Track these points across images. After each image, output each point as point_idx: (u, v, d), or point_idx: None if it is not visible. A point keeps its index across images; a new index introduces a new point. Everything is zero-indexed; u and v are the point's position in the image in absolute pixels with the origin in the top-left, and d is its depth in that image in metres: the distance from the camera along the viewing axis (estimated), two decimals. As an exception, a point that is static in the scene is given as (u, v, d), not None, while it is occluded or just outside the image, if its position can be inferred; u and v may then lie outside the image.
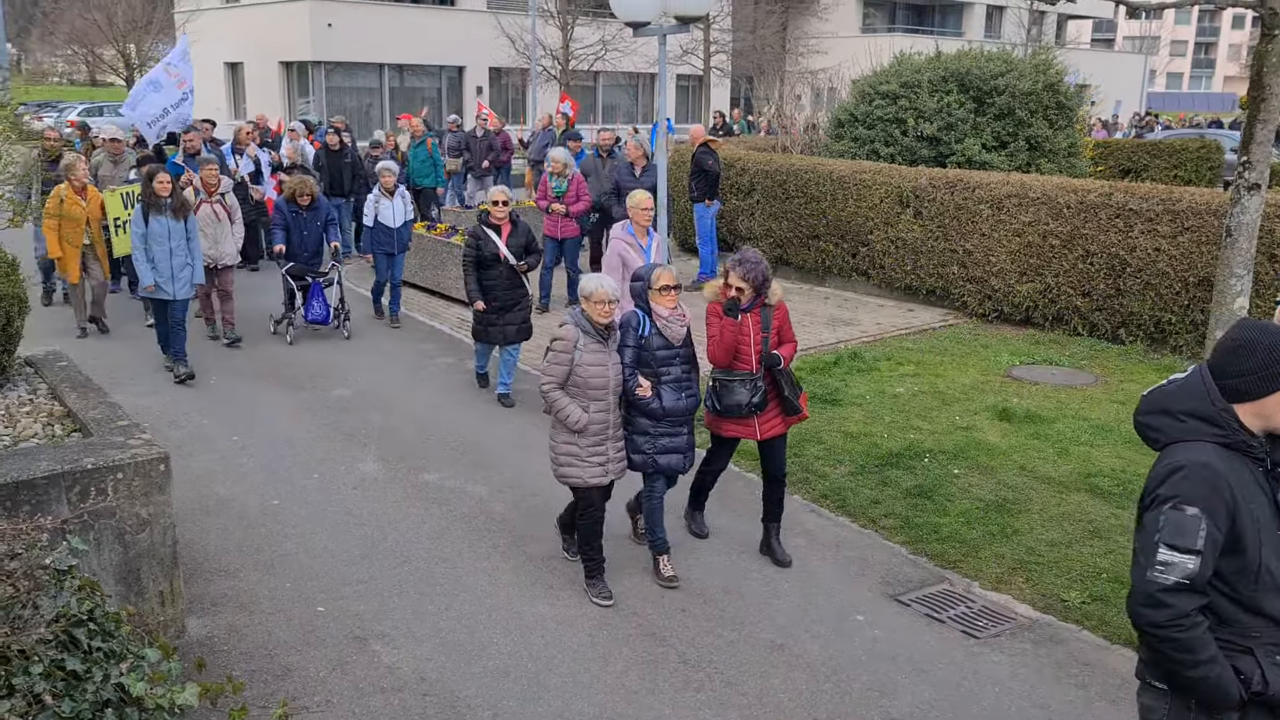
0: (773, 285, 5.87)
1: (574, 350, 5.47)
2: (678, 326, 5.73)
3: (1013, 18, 44.02)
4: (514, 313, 8.70)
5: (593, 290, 5.49)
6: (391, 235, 11.15)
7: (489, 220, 8.57)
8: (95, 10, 33.95)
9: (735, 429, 5.96)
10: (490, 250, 8.50)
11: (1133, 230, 10.43)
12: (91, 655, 2.67)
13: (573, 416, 5.46)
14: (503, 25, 31.53)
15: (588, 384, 5.48)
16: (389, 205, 11.08)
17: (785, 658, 5.13)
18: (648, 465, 5.75)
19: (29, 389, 5.90)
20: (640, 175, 11.78)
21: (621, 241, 7.97)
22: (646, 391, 5.59)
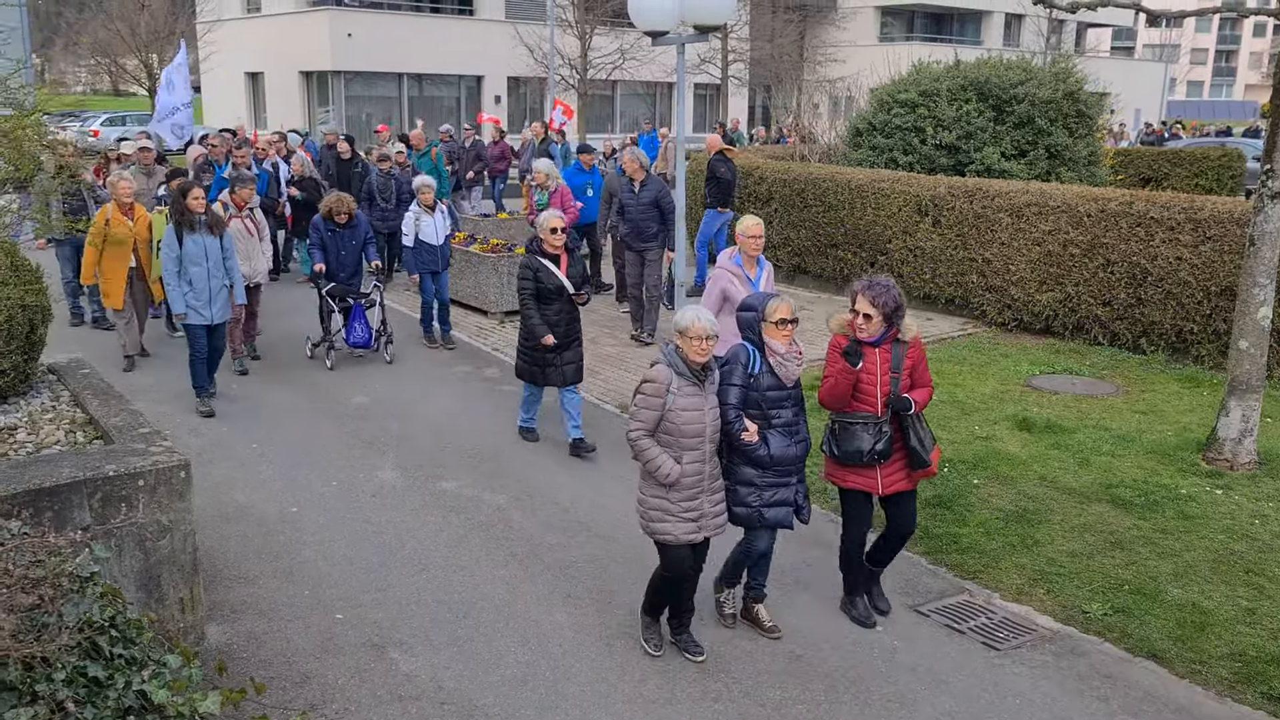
0: (907, 319, 5.31)
1: (666, 393, 4.86)
2: (794, 365, 5.14)
3: (1031, 26, 43.93)
4: (573, 349, 7.83)
5: (688, 325, 4.85)
6: (435, 252, 10.61)
7: (544, 250, 7.67)
8: (118, 21, 34.22)
9: (856, 480, 5.33)
10: (553, 283, 7.59)
11: (1154, 239, 10.37)
12: (113, 662, 2.68)
13: (664, 468, 4.87)
14: (521, 35, 31.67)
15: (681, 431, 4.86)
16: (430, 221, 10.56)
17: (804, 668, 5.11)
18: (753, 519, 5.16)
19: (52, 396, 5.94)
20: (640, 190, 11.04)
21: (726, 272, 7.17)
22: (753, 437, 5.01)
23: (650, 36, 8.17)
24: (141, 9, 32.87)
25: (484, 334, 11.41)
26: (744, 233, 7.25)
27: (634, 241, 10.98)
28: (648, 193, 10.90)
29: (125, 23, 33.30)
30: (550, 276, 7.57)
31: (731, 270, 7.20)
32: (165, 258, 8.49)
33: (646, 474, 5.01)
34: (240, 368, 9.78)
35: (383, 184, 13.28)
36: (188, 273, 8.47)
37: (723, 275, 7.16)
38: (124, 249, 9.74)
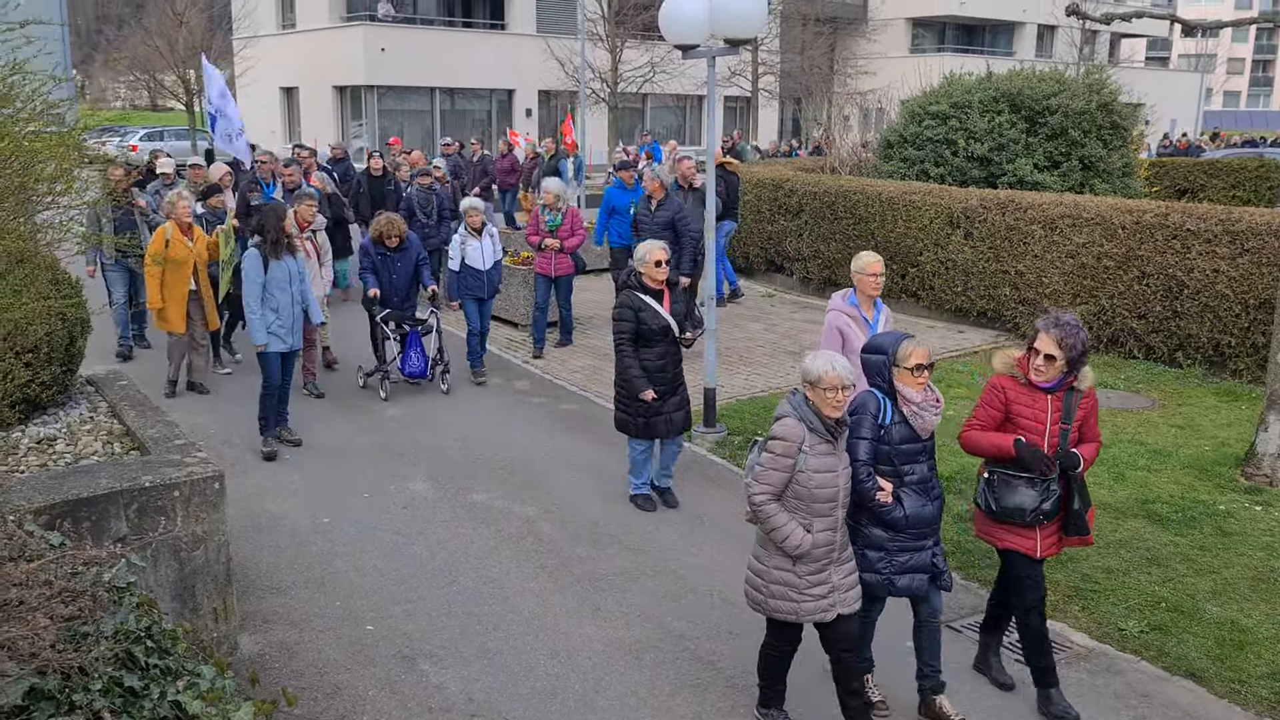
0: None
1: (798, 452, 4.33)
2: (931, 415, 4.59)
3: (1064, 37, 43.62)
4: (679, 394, 6.98)
5: (821, 373, 4.31)
6: (481, 279, 9.96)
7: (644, 285, 6.79)
8: (157, 37, 34.84)
9: (1012, 539, 4.76)
10: (657, 323, 6.74)
11: (1190, 251, 10.25)
12: (149, 672, 2.71)
13: (793, 539, 4.34)
14: (552, 48, 31.85)
15: (813, 496, 4.35)
16: (477, 246, 9.92)
17: (827, 681, 5.06)
18: (883, 588, 4.66)
19: (90, 407, 6.03)
20: (656, 210, 10.55)
21: (841, 314, 6.41)
22: (888, 497, 4.51)
23: (681, 50, 8.19)
24: (180, 26, 33.43)
25: (514, 347, 11.45)
26: (862, 270, 6.39)
27: None
28: (664, 212, 10.49)
29: (164, 39, 33.89)
30: (654, 315, 6.73)
31: (846, 311, 6.41)
32: (250, 284, 7.93)
33: (766, 543, 4.50)
34: (316, 390, 9.51)
35: (424, 199, 12.86)
36: (273, 299, 8.00)
37: (837, 317, 6.38)
38: (184, 271, 9.31)
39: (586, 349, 11.31)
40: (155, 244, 9.20)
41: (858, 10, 47.03)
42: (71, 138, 4.76)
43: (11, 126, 4.14)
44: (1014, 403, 4.66)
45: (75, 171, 4.52)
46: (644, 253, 6.77)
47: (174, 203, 9.41)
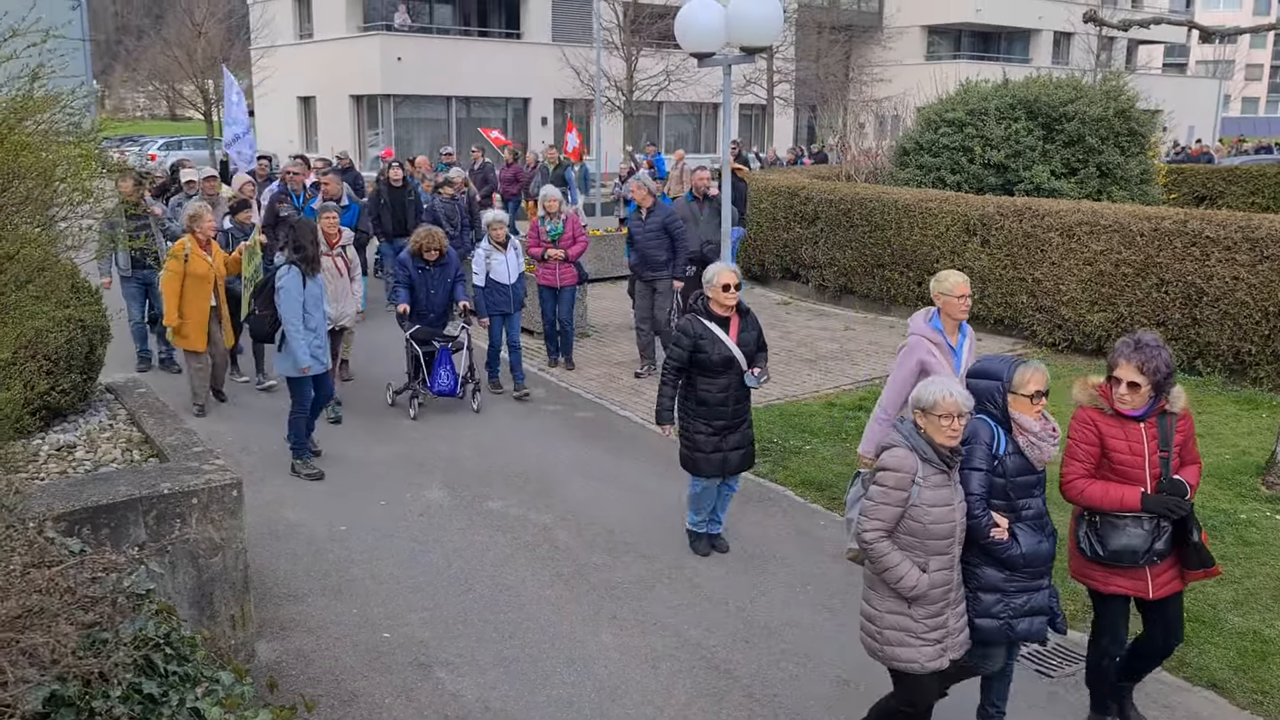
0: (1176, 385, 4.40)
1: (912, 485, 4.01)
2: (1049, 445, 4.29)
3: (1081, 44, 43.47)
4: (741, 432, 6.31)
5: (937, 399, 4.00)
6: (506, 292, 9.77)
7: (710, 311, 6.17)
8: (176, 48, 35.12)
9: (1120, 583, 4.45)
10: (720, 353, 6.08)
11: (1209, 258, 10.18)
12: (168, 679, 2.72)
13: (908, 580, 4.02)
14: (568, 57, 31.95)
15: (929, 532, 4.02)
16: (502, 259, 9.68)
17: (853, 694, 5.05)
18: (1002, 634, 4.28)
19: (109, 415, 6.06)
20: (647, 218, 10.38)
21: (924, 340, 5.76)
22: (1004, 534, 4.19)
23: (696, 58, 8.20)
24: (198, 36, 33.67)
25: (530, 355, 11.47)
26: (949, 291, 5.74)
27: (642, 271, 10.46)
28: (655, 219, 10.33)
29: (183, 49, 34.14)
30: (717, 345, 6.06)
31: (930, 337, 5.75)
32: (292, 304, 7.55)
33: (877, 584, 4.16)
34: (335, 415, 9.06)
35: (448, 210, 12.57)
36: (311, 318, 7.67)
37: (920, 344, 5.73)
38: (205, 286, 9.01)
39: (601, 357, 11.32)
40: (174, 258, 8.96)
41: (873, 18, 47.00)
42: (90, 150, 4.80)
43: (25, 137, 4.18)
44: (1107, 436, 4.36)
45: (93, 182, 4.55)
46: (712, 275, 6.12)
47: (197, 215, 9.10)
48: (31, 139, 4.22)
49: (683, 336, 6.14)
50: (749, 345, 6.20)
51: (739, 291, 6.16)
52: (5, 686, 2.33)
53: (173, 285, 8.90)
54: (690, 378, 6.20)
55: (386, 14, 36.75)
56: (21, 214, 4.27)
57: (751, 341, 6.23)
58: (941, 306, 5.81)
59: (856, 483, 4.43)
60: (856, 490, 4.40)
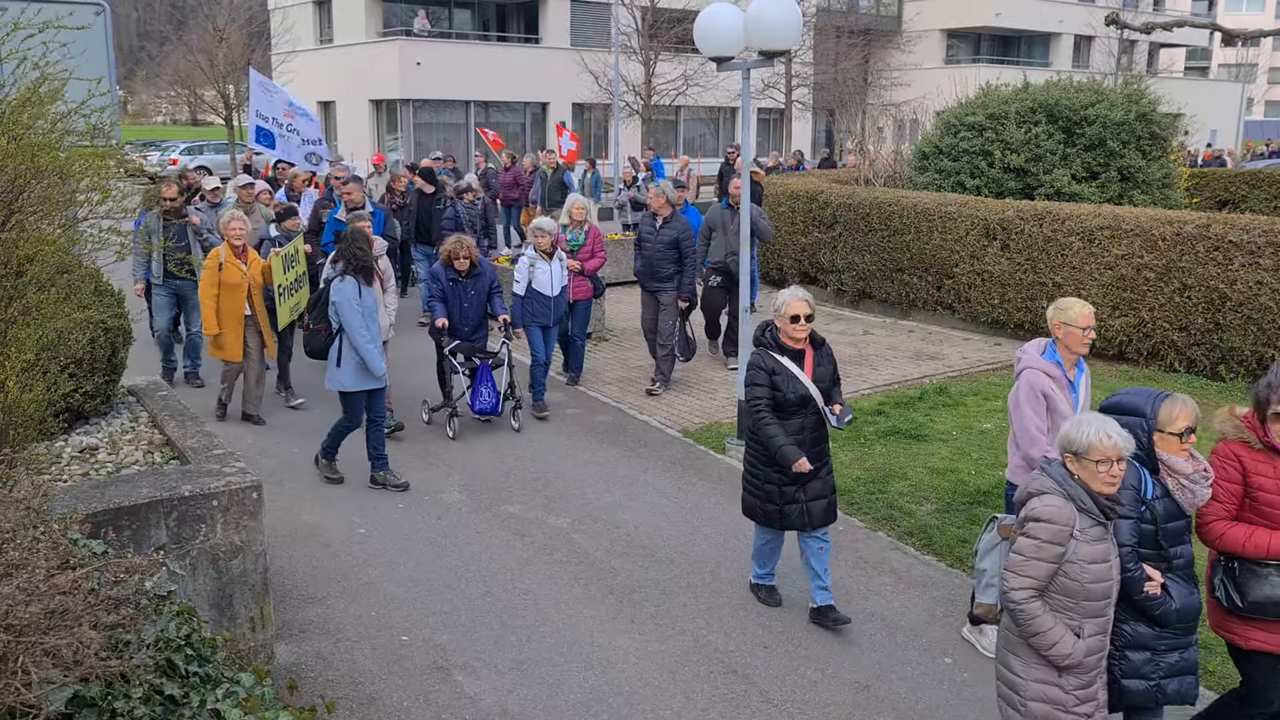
0: None
1: (1069, 539, 3.58)
2: (1203, 488, 3.90)
3: (1101, 47, 43.24)
4: (821, 480, 5.61)
5: (1092, 441, 3.57)
6: (548, 304, 9.28)
7: (780, 343, 5.55)
8: (198, 53, 35.41)
9: (1260, 638, 4.05)
10: (795, 390, 5.46)
11: (1232, 263, 10.10)
12: (188, 680, 2.74)
13: (1062, 646, 3.59)
14: (586, 62, 32.02)
15: (1086, 592, 3.59)
16: (546, 269, 9.24)
17: (871, 699, 5.03)
18: (1152, 696, 3.87)
19: (131, 417, 6.10)
20: (661, 227, 9.98)
21: (1041, 374, 5.14)
22: (1157, 587, 3.79)
23: (715, 62, 8.20)
24: (220, 41, 33.93)
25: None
26: (1072, 321, 5.08)
27: (647, 281, 10.18)
28: (669, 231, 9.96)
29: (204, 54, 34.41)
30: (791, 381, 5.47)
31: (1047, 370, 5.15)
32: (354, 315, 7.25)
33: (1020, 647, 3.72)
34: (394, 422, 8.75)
35: (472, 217, 12.31)
36: (368, 330, 7.37)
37: (1038, 378, 5.13)
38: (238, 295, 8.86)
39: (620, 361, 11.32)
40: (208, 268, 8.85)
41: (892, 22, 46.90)
42: (112, 153, 4.84)
43: (42, 137, 4.22)
44: (1253, 473, 4.01)
45: (113, 183, 4.59)
46: (781, 304, 5.53)
47: (227, 224, 8.94)
48: (48, 139, 4.27)
49: (759, 372, 5.52)
50: (825, 380, 5.57)
51: (810, 323, 5.53)
52: (30, 687, 2.35)
53: (208, 293, 8.79)
54: None
55: (406, 19, 36.96)
56: (40, 214, 4.31)
57: (828, 376, 5.58)
58: (1061, 337, 5.13)
59: (991, 528, 4.01)
60: (992, 537, 3.99)
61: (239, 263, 8.87)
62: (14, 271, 4.13)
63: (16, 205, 4.06)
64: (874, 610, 5.90)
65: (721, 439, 8.64)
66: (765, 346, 5.57)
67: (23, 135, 4.05)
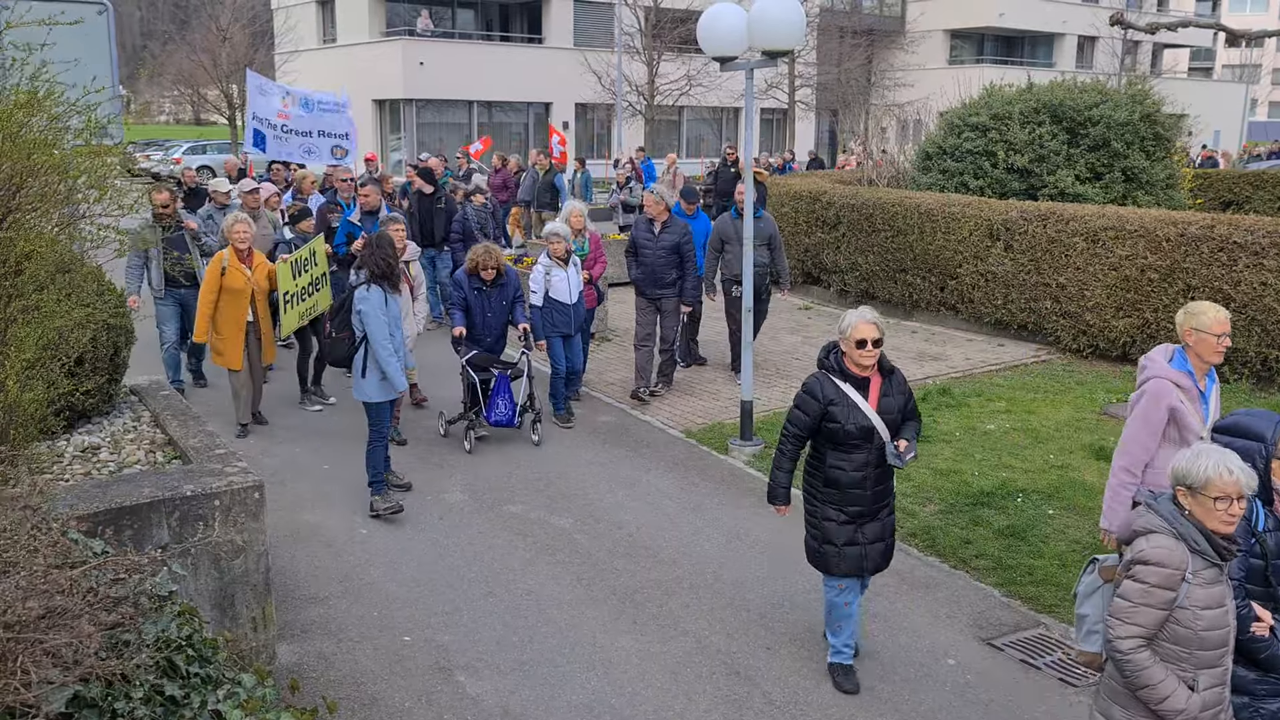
0: None
1: (1181, 583, 3.28)
2: None
3: (1105, 48, 43.20)
4: (880, 521, 5.03)
5: (1210, 476, 3.26)
6: (568, 313, 9.00)
7: (844, 368, 4.92)
8: (201, 53, 35.46)
9: None
10: (856, 421, 4.83)
11: (1237, 264, 10.08)
12: (189, 681, 2.72)
13: (1175, 700, 3.29)
14: (589, 62, 32.02)
15: (1200, 641, 3.29)
16: (563, 276, 8.94)
17: (874, 700, 5.01)
18: None
19: (133, 417, 6.10)
20: (660, 233, 9.68)
21: (1169, 385, 4.68)
22: (1265, 629, 3.53)
23: (719, 62, 8.18)
24: (223, 41, 33.96)
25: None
26: (1205, 328, 4.65)
27: (648, 288, 9.81)
28: (669, 235, 9.65)
29: (208, 54, 34.46)
30: (852, 412, 4.84)
31: (1177, 380, 4.68)
32: (380, 325, 6.96)
33: (1128, 700, 3.42)
34: (398, 435, 8.50)
35: (482, 220, 11.99)
36: (393, 340, 7.09)
37: (1165, 389, 4.65)
38: (241, 301, 8.54)
39: (623, 363, 11.30)
40: (210, 273, 8.52)
41: (895, 22, 46.88)
42: (113, 151, 4.83)
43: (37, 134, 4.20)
44: None
45: (112, 181, 4.58)
46: (846, 326, 4.90)
47: (230, 226, 8.64)
48: (43, 136, 4.25)
49: (809, 399, 4.91)
50: (893, 412, 4.93)
51: (879, 348, 4.90)
52: (29, 687, 2.34)
53: (206, 298, 8.49)
54: (818, 451, 5.00)
55: (409, 19, 36.98)
56: (39, 212, 4.30)
57: (896, 408, 4.95)
58: (1193, 345, 4.71)
59: (1092, 570, 3.74)
60: (1093, 579, 3.72)
61: (243, 267, 8.57)
62: (13, 270, 4.12)
63: (14, 203, 4.05)
64: (877, 611, 5.88)
65: (724, 439, 8.62)
66: (828, 371, 4.96)
67: (18, 132, 4.04)
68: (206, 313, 8.51)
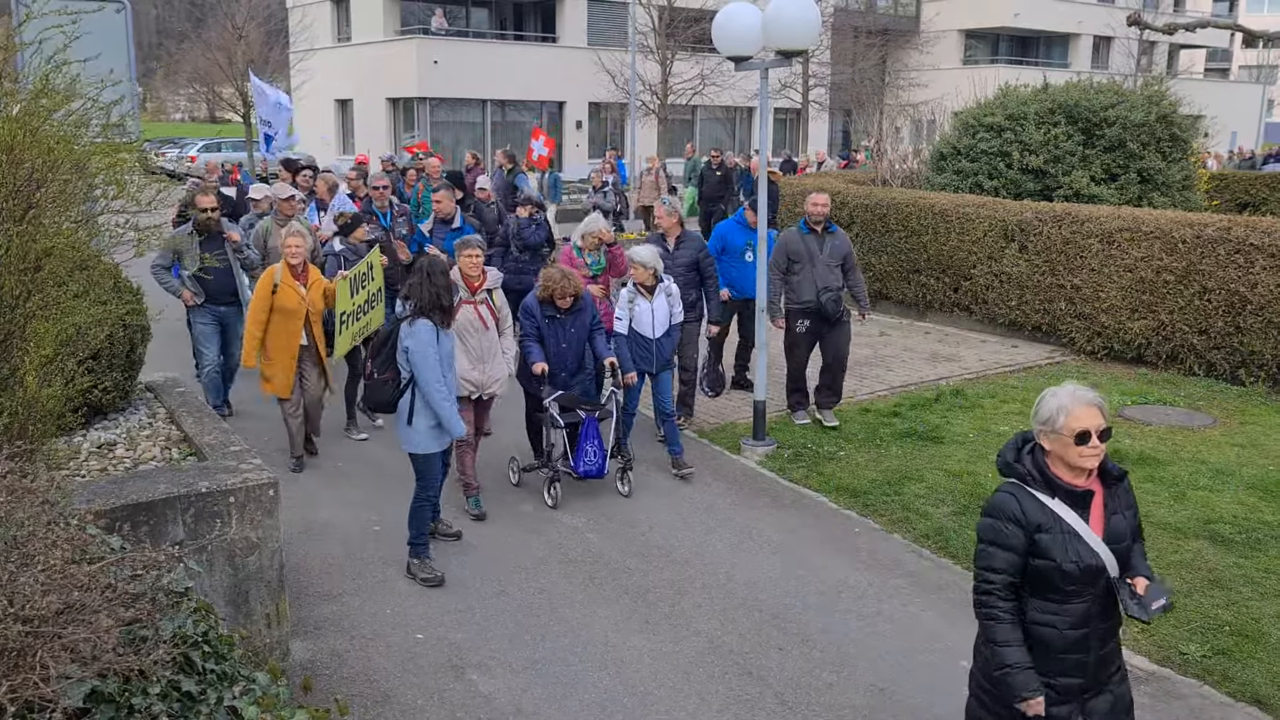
0: None
1: None
2: None
3: (1121, 48, 42.97)
4: (1109, 693, 3.58)
5: None
6: (649, 348, 7.84)
7: (1054, 477, 3.46)
8: (216, 51, 35.59)
9: None
10: (1079, 557, 3.40)
11: (1254, 266, 10.01)
12: (205, 677, 2.74)
13: None
14: (603, 61, 32.01)
15: None
16: (647, 307, 7.82)
17: (886, 703, 5.00)
18: None
19: (149, 413, 6.13)
20: (676, 250, 8.65)
21: None
22: None
23: (733, 61, 8.17)
24: (239, 39, 34.09)
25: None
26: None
27: None
28: (686, 252, 8.66)
29: (223, 52, 34.58)
30: (1071, 544, 3.40)
31: None
32: (431, 366, 6.01)
33: None
34: (477, 510, 7.20)
35: (531, 232, 10.68)
36: (449, 380, 6.23)
37: None
38: (293, 322, 7.66)
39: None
40: (260, 291, 7.63)
41: (910, 22, 46.73)
42: (130, 148, 4.84)
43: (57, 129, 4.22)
44: None
45: (130, 178, 4.60)
46: (1053, 411, 3.43)
47: (284, 239, 7.86)
48: (62, 131, 4.27)
49: (1006, 526, 3.44)
50: (1123, 538, 3.47)
51: (1106, 441, 3.42)
52: (48, 681, 2.35)
53: (254, 318, 7.61)
54: None
55: (423, 18, 37.03)
56: (58, 207, 4.32)
57: (1126, 531, 3.49)
58: None
59: None
60: None
61: (297, 284, 7.67)
62: (33, 266, 4.14)
63: (35, 199, 4.07)
64: (889, 613, 5.87)
65: (737, 439, 8.61)
66: (1023, 480, 3.50)
67: (38, 128, 4.06)
68: (256, 334, 7.63)
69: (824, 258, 8.73)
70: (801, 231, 8.88)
